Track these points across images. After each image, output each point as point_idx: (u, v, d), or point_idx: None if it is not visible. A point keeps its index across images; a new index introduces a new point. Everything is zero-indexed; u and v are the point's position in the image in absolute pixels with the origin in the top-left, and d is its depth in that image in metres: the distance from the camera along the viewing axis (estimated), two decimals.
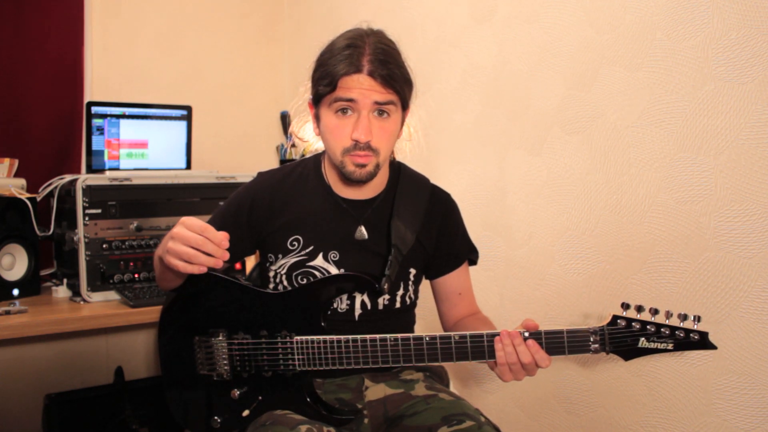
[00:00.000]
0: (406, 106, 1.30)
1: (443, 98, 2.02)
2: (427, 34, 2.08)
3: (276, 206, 1.36)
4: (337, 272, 1.31)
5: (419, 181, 1.42)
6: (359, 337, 1.19)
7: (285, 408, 1.23)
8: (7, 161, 2.14)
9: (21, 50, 2.32)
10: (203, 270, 1.08)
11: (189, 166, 2.27)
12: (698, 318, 1.10)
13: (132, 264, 1.98)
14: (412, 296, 1.41)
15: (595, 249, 1.59)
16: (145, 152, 2.18)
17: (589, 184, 1.60)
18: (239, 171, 2.24)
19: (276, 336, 1.22)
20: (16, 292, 1.93)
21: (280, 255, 1.35)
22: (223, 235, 1.08)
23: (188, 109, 2.26)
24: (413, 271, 1.38)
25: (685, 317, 1.09)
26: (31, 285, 1.98)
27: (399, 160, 1.44)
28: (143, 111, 2.17)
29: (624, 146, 1.51)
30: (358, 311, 1.33)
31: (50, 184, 2.08)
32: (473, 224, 1.82)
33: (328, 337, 1.20)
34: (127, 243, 1.98)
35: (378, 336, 1.19)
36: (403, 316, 1.41)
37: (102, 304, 1.89)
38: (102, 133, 2.09)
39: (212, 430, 1.26)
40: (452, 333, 1.17)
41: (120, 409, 2.20)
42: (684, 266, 1.40)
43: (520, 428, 1.82)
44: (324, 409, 1.23)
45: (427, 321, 1.75)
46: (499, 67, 1.83)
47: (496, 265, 1.87)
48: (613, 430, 1.56)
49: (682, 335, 1.10)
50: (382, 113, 1.23)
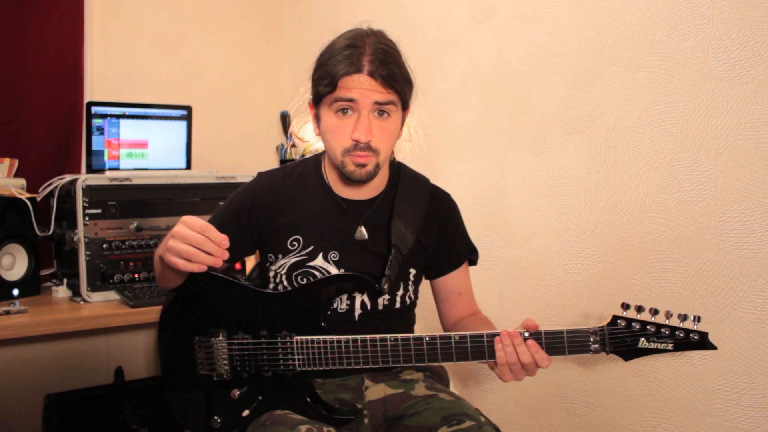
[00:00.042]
0: (407, 106, 1.30)
1: (443, 98, 2.02)
2: (427, 34, 2.08)
3: (276, 206, 1.36)
4: (337, 272, 1.31)
5: (419, 181, 1.42)
6: (359, 337, 1.19)
7: (285, 408, 1.23)
8: (7, 161, 2.14)
9: (21, 50, 2.32)
10: (203, 269, 1.09)
11: (189, 166, 2.27)
12: (698, 318, 1.10)
13: (132, 264, 1.99)
14: (412, 296, 1.41)
15: (595, 249, 1.59)
16: (145, 152, 2.18)
17: (589, 184, 1.60)
18: (239, 171, 2.24)
19: (276, 336, 1.22)
20: (16, 292, 1.93)
21: (280, 255, 1.35)
22: (224, 236, 1.09)
23: (188, 109, 2.26)
24: (413, 272, 1.38)
25: (685, 317, 1.09)
26: (31, 285, 1.98)
27: (399, 160, 1.44)
28: (143, 111, 2.17)
29: (624, 146, 1.51)
30: (358, 311, 1.33)
31: (50, 184, 2.08)
32: (473, 224, 1.82)
33: (328, 337, 1.20)
34: (127, 243, 1.98)
35: (378, 336, 1.19)
36: (403, 316, 1.41)
37: (102, 304, 1.89)
38: (102, 133, 2.09)
39: (212, 430, 1.26)
40: (452, 333, 1.17)
41: (120, 409, 2.20)
42: (684, 266, 1.40)
43: (520, 428, 1.82)
44: (324, 409, 1.23)
45: (427, 321, 1.75)
46: (499, 67, 1.83)
47: (496, 265, 1.87)
48: (613, 430, 1.57)
49: (682, 335, 1.10)
50: (383, 113, 1.23)
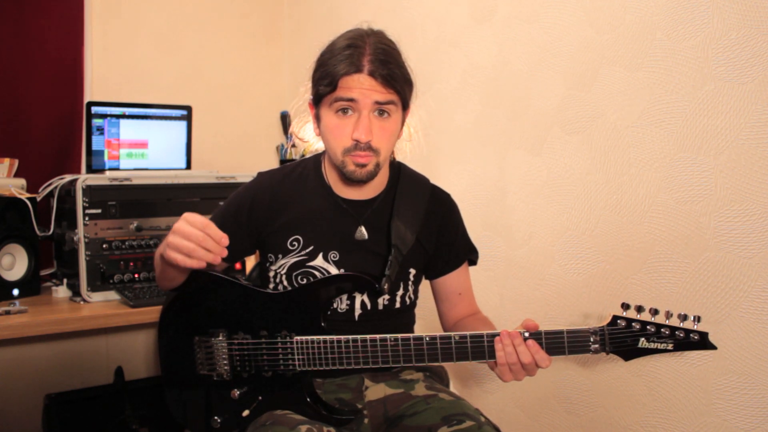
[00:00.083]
0: (407, 106, 1.30)
1: (443, 98, 2.02)
2: (427, 34, 2.08)
3: (276, 206, 1.36)
4: (337, 272, 1.31)
5: (419, 181, 1.42)
6: (359, 337, 1.19)
7: (285, 408, 1.23)
8: (7, 161, 2.14)
9: (21, 50, 2.32)
10: (202, 265, 1.10)
11: (189, 166, 2.27)
12: (698, 318, 1.10)
13: (132, 264, 1.98)
14: (412, 296, 1.41)
15: (595, 249, 1.59)
16: (145, 152, 2.18)
17: (589, 184, 1.60)
18: (239, 171, 2.24)
19: (276, 336, 1.22)
20: (16, 292, 1.93)
21: (280, 255, 1.35)
22: (224, 234, 1.10)
23: (188, 109, 2.26)
24: (413, 272, 1.38)
25: (685, 317, 1.09)
26: (31, 285, 1.98)
27: (399, 160, 1.44)
28: (143, 111, 2.17)
29: (624, 146, 1.51)
30: (358, 311, 1.33)
31: (50, 184, 2.08)
32: (473, 224, 1.82)
33: (328, 337, 1.20)
34: (127, 243, 1.97)
35: (378, 336, 1.19)
36: (403, 316, 1.41)
37: (102, 304, 1.89)
38: (102, 133, 2.09)
39: (212, 430, 1.26)
40: (452, 333, 1.17)
41: (120, 409, 2.20)
42: (684, 266, 1.40)
43: (520, 428, 1.82)
44: (324, 409, 1.23)
45: (427, 321, 1.75)
46: (499, 67, 1.83)
47: (496, 265, 1.87)
48: (613, 430, 1.56)
49: (682, 335, 1.10)
50: (383, 113, 1.23)
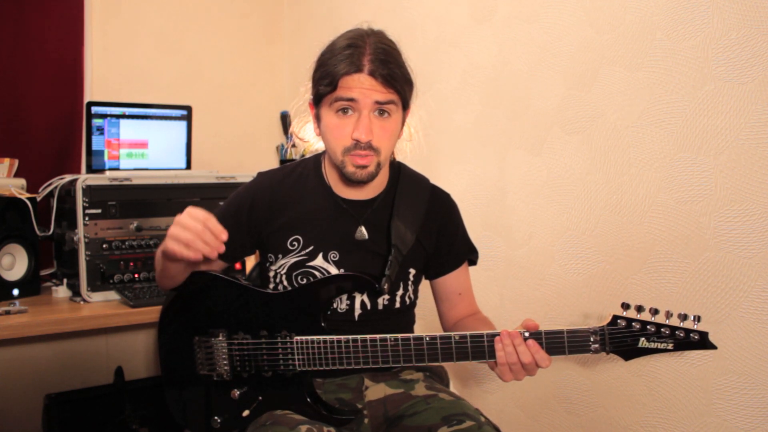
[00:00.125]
0: (407, 106, 1.30)
1: (443, 98, 2.02)
2: (427, 34, 2.08)
3: (276, 206, 1.36)
4: (337, 272, 1.31)
5: (419, 181, 1.42)
6: (359, 337, 1.19)
7: (285, 408, 1.23)
8: (7, 161, 2.14)
9: (21, 50, 2.32)
10: (198, 256, 1.11)
11: (189, 166, 2.27)
12: (698, 318, 1.10)
13: (132, 264, 1.98)
14: (412, 296, 1.41)
15: (595, 249, 1.59)
16: (145, 152, 2.18)
17: (589, 184, 1.60)
18: (239, 171, 2.24)
19: (276, 336, 1.22)
20: (16, 292, 1.93)
21: (280, 255, 1.35)
22: (223, 229, 1.12)
23: (188, 109, 2.26)
24: (413, 271, 1.38)
25: (685, 317, 1.09)
26: (31, 285, 1.98)
27: (399, 160, 1.44)
28: (143, 111, 2.17)
29: (624, 146, 1.51)
30: (358, 311, 1.33)
31: (50, 184, 2.08)
32: (473, 224, 1.82)
33: (328, 337, 1.20)
34: (127, 243, 1.97)
35: (378, 336, 1.19)
36: (403, 316, 1.41)
37: (102, 304, 1.89)
38: (102, 133, 2.09)
39: (212, 430, 1.26)
40: (452, 333, 1.17)
41: (120, 409, 2.20)
42: (684, 266, 1.40)
43: (520, 428, 1.82)
44: (324, 409, 1.23)
45: (427, 321, 1.75)
46: (499, 67, 1.83)
47: (496, 265, 1.87)
48: (613, 430, 1.56)
49: (682, 335, 1.10)
50: (383, 113, 1.23)
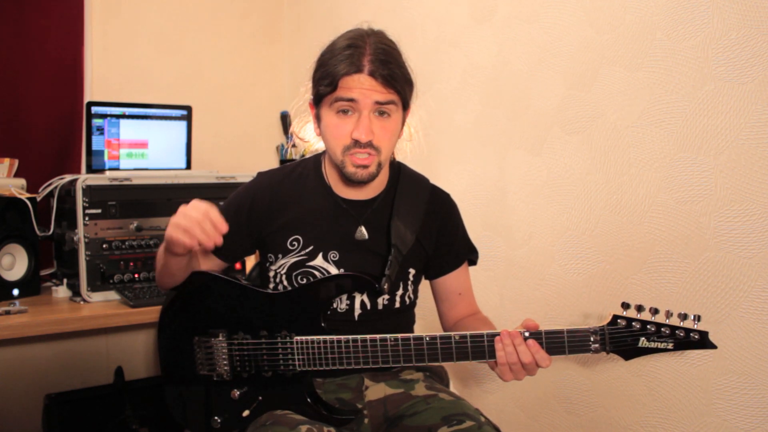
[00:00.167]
0: (407, 106, 1.30)
1: (443, 98, 2.02)
2: (427, 34, 2.08)
3: (276, 206, 1.36)
4: (337, 272, 1.31)
5: (419, 181, 1.42)
6: (359, 337, 1.19)
7: (285, 408, 1.23)
8: (7, 161, 2.14)
9: (21, 50, 2.32)
10: (194, 244, 1.14)
11: (189, 166, 2.27)
12: (698, 318, 1.10)
13: (132, 264, 1.98)
14: (412, 296, 1.41)
15: (595, 249, 1.59)
16: (145, 152, 2.18)
17: (589, 184, 1.60)
18: (239, 171, 2.24)
19: (276, 336, 1.22)
20: (16, 292, 1.93)
21: (280, 255, 1.35)
22: (224, 221, 1.16)
23: (188, 109, 2.26)
24: (413, 271, 1.38)
25: (685, 317, 1.09)
26: (31, 285, 1.98)
27: (399, 160, 1.44)
28: (143, 111, 2.17)
29: (624, 146, 1.51)
30: (358, 311, 1.33)
31: (50, 184, 2.08)
32: (473, 224, 1.82)
33: (328, 337, 1.20)
34: (127, 243, 1.97)
35: (378, 336, 1.19)
36: (403, 316, 1.41)
37: (102, 304, 1.89)
38: (102, 133, 2.09)
39: (212, 431, 1.26)
40: (452, 333, 1.17)
41: (120, 409, 2.20)
42: (684, 266, 1.40)
43: (520, 428, 1.82)
44: (324, 409, 1.23)
45: (427, 321, 1.75)
46: (499, 67, 1.83)
47: (496, 265, 1.87)
48: (613, 430, 1.56)
49: (682, 335, 1.10)
50: (383, 113, 1.23)
